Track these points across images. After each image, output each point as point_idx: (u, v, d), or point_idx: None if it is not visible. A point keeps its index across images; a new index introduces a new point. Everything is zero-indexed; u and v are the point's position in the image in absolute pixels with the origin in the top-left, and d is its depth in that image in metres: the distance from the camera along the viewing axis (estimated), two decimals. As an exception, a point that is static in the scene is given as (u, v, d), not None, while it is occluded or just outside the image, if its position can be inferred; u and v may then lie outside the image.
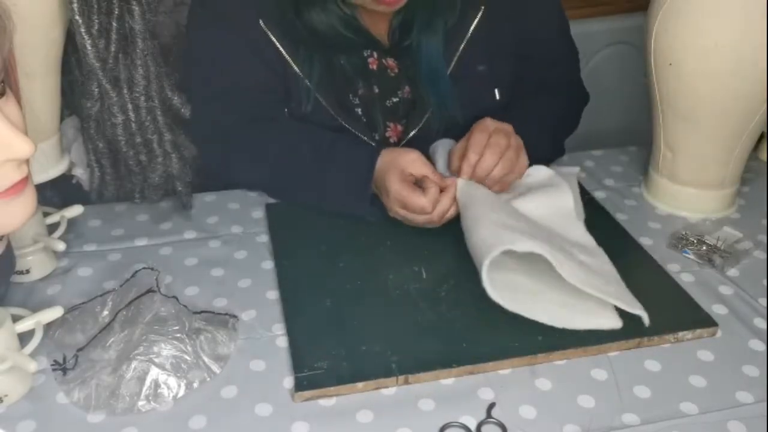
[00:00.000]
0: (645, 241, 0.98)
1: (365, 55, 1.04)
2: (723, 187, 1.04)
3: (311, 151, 1.00)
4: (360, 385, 0.74)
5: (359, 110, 1.05)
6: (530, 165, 1.01)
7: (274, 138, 1.02)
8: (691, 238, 0.97)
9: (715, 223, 1.02)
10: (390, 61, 1.05)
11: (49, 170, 0.91)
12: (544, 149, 1.06)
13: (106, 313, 0.80)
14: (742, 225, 1.01)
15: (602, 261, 0.88)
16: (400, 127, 1.07)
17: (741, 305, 0.87)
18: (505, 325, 0.81)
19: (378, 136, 1.06)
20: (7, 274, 0.80)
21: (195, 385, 0.74)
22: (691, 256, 0.95)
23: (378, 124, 1.05)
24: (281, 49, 1.01)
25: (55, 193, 1.03)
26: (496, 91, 1.08)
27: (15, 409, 0.72)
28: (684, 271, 0.93)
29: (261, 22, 0.99)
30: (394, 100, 1.06)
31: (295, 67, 1.01)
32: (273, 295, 0.88)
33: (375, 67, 1.05)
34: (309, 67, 1.01)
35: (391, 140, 1.07)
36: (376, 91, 1.05)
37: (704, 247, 0.96)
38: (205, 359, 0.76)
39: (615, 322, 0.81)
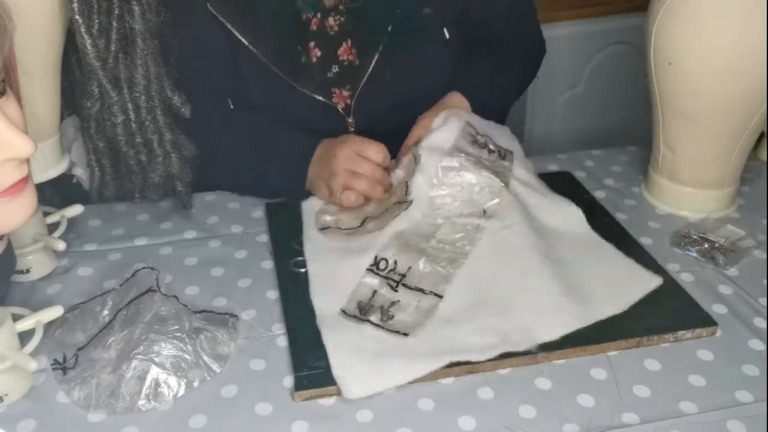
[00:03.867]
0: (645, 241, 0.98)
1: (307, 17, 1.04)
2: (723, 186, 1.04)
3: (251, 138, 1.03)
4: (360, 384, 0.74)
5: (311, 72, 1.06)
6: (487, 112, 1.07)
7: (218, 128, 1.04)
8: (694, 236, 0.97)
9: (715, 223, 1.02)
10: (330, 20, 1.05)
11: (49, 170, 0.91)
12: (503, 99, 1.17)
13: (106, 312, 0.80)
14: (742, 225, 1.01)
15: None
16: (345, 93, 1.08)
17: (741, 305, 0.87)
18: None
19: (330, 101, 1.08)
20: (7, 273, 0.81)
21: (195, 384, 0.74)
22: (694, 254, 0.95)
23: (326, 91, 1.07)
24: (225, 22, 1.00)
25: (55, 193, 1.03)
26: (445, 30, 1.09)
27: (15, 408, 0.72)
28: (684, 271, 0.93)
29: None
30: (335, 70, 1.07)
31: (241, 38, 1.01)
32: (273, 294, 0.88)
33: (315, 27, 1.05)
34: (255, 36, 1.01)
35: (340, 106, 1.08)
36: (319, 54, 1.05)
37: (707, 245, 0.96)
38: (205, 358, 0.76)
39: (656, 280, 0.87)
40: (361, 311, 0.82)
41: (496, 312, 0.82)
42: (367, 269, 0.88)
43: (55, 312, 0.76)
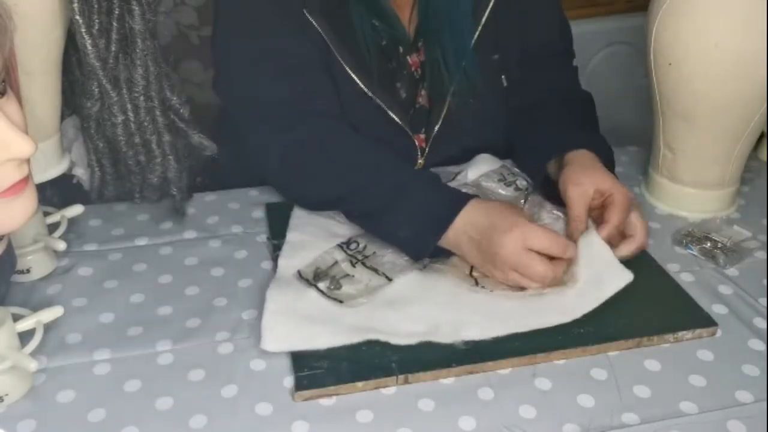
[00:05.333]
0: (645, 241, 0.98)
1: (395, 51, 1.03)
2: (723, 187, 1.04)
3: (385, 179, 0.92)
4: (360, 384, 0.74)
5: (399, 107, 1.03)
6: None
7: (339, 149, 0.96)
8: (697, 235, 0.98)
9: (721, 223, 1.02)
10: (414, 58, 1.04)
11: (50, 170, 0.91)
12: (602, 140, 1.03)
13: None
14: (742, 225, 1.01)
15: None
16: (422, 136, 1.07)
17: (741, 305, 0.87)
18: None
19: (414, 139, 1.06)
20: (7, 273, 0.81)
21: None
22: (695, 252, 0.95)
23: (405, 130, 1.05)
24: (324, 36, 0.97)
25: (55, 193, 1.03)
26: (503, 78, 1.08)
27: (15, 408, 0.72)
28: (684, 271, 0.93)
29: (305, 11, 0.96)
30: (410, 113, 1.06)
31: (342, 61, 0.98)
32: (273, 294, 0.88)
33: (400, 63, 1.04)
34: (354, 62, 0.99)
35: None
36: (403, 96, 1.05)
37: (709, 244, 0.96)
38: None
39: (627, 275, 0.84)
40: (315, 277, 0.86)
41: (435, 305, 0.83)
42: (338, 245, 0.91)
43: (55, 312, 0.76)
